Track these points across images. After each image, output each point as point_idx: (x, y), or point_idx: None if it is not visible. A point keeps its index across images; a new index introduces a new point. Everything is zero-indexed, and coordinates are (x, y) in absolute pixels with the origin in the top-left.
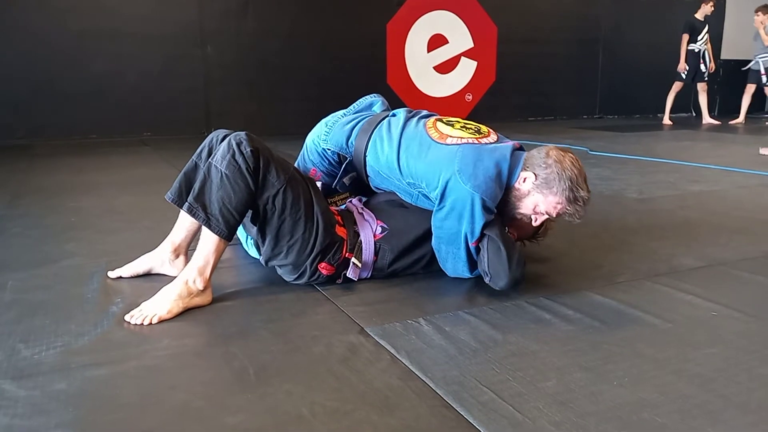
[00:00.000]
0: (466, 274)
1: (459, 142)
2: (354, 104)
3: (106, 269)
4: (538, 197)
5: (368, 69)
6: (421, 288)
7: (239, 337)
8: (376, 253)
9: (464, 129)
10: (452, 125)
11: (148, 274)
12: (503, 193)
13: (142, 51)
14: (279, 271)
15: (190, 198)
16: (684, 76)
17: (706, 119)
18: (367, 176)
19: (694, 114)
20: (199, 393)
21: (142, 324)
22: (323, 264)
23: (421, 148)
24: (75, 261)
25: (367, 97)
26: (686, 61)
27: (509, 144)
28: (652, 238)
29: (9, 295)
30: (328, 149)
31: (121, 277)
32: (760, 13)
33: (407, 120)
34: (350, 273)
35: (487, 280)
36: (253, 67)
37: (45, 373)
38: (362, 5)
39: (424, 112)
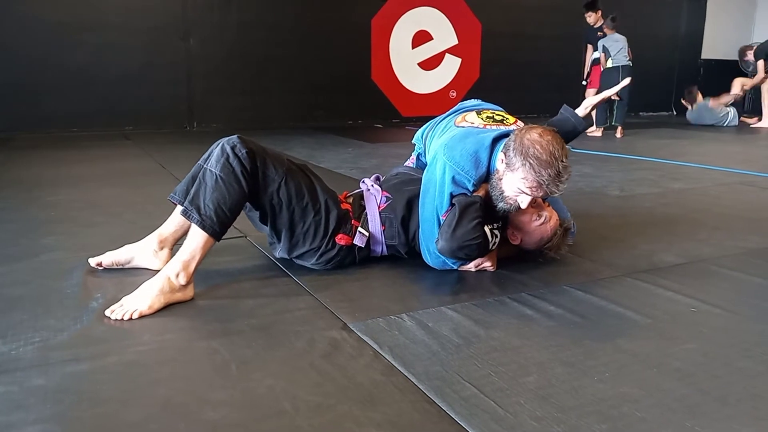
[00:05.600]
0: (449, 264)
1: (465, 125)
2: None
3: (86, 264)
4: (509, 175)
5: (353, 64)
6: (406, 283)
7: (221, 332)
8: (383, 222)
9: (488, 118)
10: (482, 114)
11: (129, 268)
12: (487, 175)
13: (124, 43)
14: (302, 261)
15: (186, 201)
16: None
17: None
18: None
19: (674, 113)
20: (181, 388)
21: (123, 319)
22: (339, 235)
23: (443, 131)
24: (54, 255)
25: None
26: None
27: (500, 129)
28: (632, 235)
29: None
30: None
31: (101, 264)
32: None
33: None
34: (357, 240)
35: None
36: (236, 60)
37: (23, 369)
38: (347, 0)
39: (487, 106)
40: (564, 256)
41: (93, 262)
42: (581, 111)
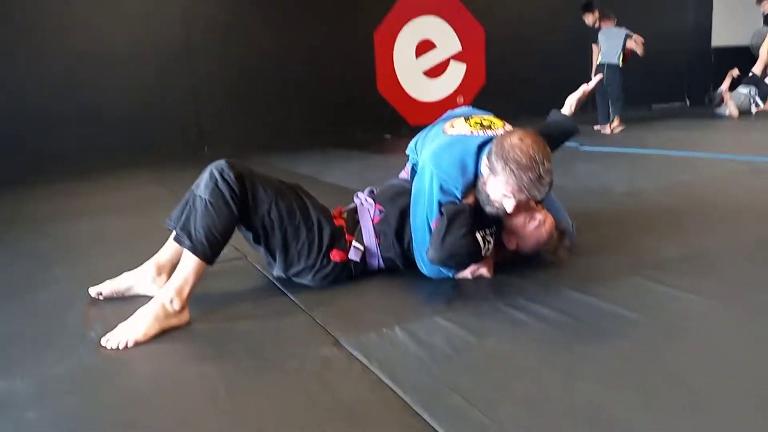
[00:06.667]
0: (445, 272)
1: (453, 133)
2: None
3: (88, 294)
4: (492, 180)
5: (358, 78)
6: (401, 295)
7: (214, 356)
8: (378, 235)
9: (476, 124)
10: (470, 121)
11: (129, 296)
12: (475, 181)
13: (132, 73)
14: (299, 278)
15: (177, 227)
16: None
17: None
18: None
19: (688, 104)
20: (171, 416)
21: (118, 348)
22: (334, 251)
23: (433, 139)
24: (59, 287)
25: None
26: None
27: (487, 135)
28: (636, 231)
29: None
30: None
31: (101, 294)
32: None
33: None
34: (352, 254)
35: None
36: (242, 83)
37: (18, 405)
38: (348, 14)
39: (472, 112)
40: (563, 258)
41: (93, 292)
42: (566, 111)
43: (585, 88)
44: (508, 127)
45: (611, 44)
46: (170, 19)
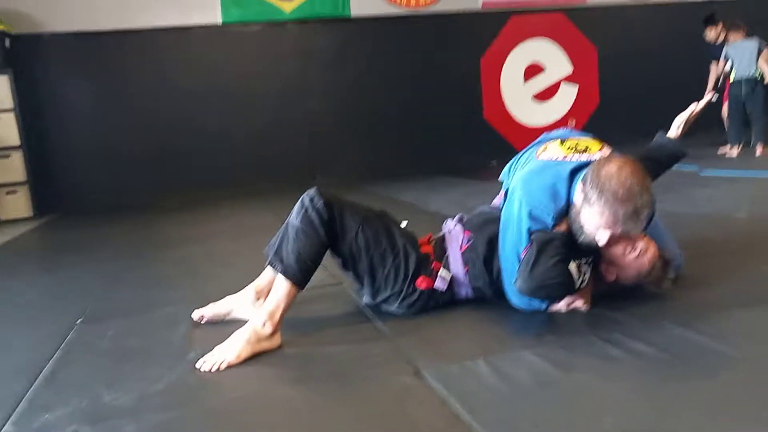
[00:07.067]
0: (536, 304)
1: (545, 157)
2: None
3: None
4: (586, 209)
5: (464, 106)
6: (489, 326)
7: (299, 379)
8: (466, 263)
9: (569, 149)
10: (564, 144)
11: (230, 320)
12: (567, 209)
13: (252, 107)
14: (387, 306)
15: (270, 253)
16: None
17: None
18: None
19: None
20: None
21: (211, 370)
22: (420, 278)
23: (524, 164)
24: (172, 308)
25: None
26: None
27: (581, 160)
28: (754, 261)
29: (107, 342)
30: None
31: (203, 317)
32: None
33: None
34: (438, 283)
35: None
36: (352, 114)
37: (118, 417)
38: (454, 42)
39: (568, 135)
40: (668, 289)
41: (196, 315)
42: (673, 133)
43: (694, 107)
44: (606, 151)
45: (744, 57)
46: (285, 58)
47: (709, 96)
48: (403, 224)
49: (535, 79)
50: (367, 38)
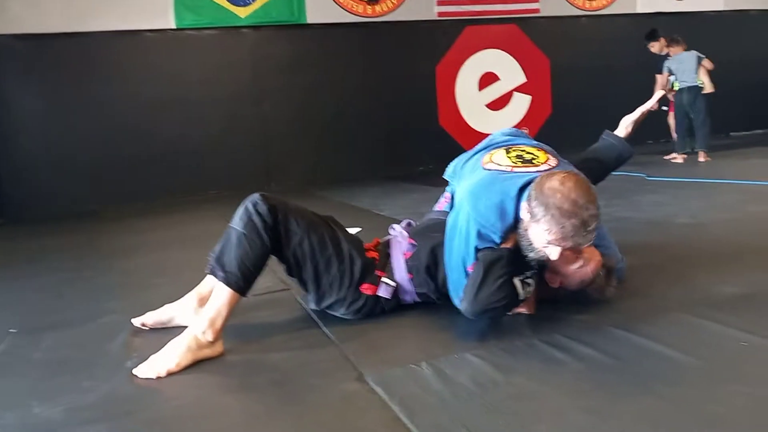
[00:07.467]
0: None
1: (492, 168)
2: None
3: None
4: (533, 226)
5: (420, 113)
6: (434, 330)
7: (239, 388)
8: (410, 270)
9: (516, 158)
10: (510, 153)
11: (171, 327)
12: (515, 225)
13: (204, 115)
14: (333, 311)
15: (212, 259)
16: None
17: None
18: None
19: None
20: None
21: (151, 378)
22: (364, 285)
23: (471, 173)
24: (111, 318)
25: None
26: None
27: (528, 175)
28: (693, 266)
29: (40, 354)
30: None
31: (145, 324)
32: None
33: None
34: (382, 291)
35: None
36: (306, 119)
37: (46, 431)
38: (410, 50)
39: (515, 139)
40: (611, 296)
41: (137, 322)
42: (621, 132)
43: (643, 108)
44: (552, 161)
45: (685, 68)
46: (239, 63)
47: (658, 95)
48: (355, 231)
49: (489, 88)
50: (323, 45)
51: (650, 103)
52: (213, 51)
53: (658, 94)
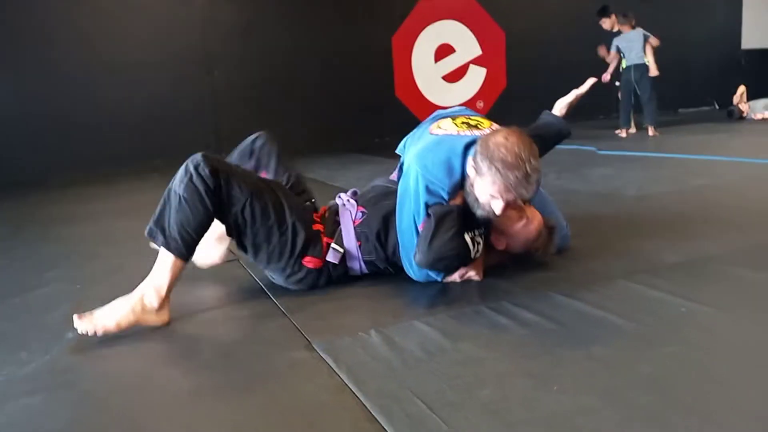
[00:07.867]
0: (433, 276)
1: (439, 133)
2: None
3: (78, 295)
4: (479, 181)
5: (376, 83)
6: (384, 299)
7: (184, 358)
8: (359, 237)
9: (462, 124)
10: (456, 120)
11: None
12: (462, 182)
13: (151, 80)
14: (273, 279)
15: (151, 222)
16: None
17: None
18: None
19: (717, 107)
20: (126, 417)
21: (87, 333)
22: (307, 257)
23: (419, 140)
24: (50, 288)
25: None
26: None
27: (474, 135)
28: (637, 236)
29: None
30: None
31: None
32: None
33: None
34: (330, 256)
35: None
36: (259, 87)
37: None
38: (366, 19)
39: (460, 112)
40: (557, 260)
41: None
42: (557, 112)
43: (577, 92)
44: (496, 127)
45: (633, 47)
46: (188, 26)
47: (590, 81)
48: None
49: (445, 60)
50: (277, 12)
51: (584, 88)
52: (159, 14)
53: (590, 81)
